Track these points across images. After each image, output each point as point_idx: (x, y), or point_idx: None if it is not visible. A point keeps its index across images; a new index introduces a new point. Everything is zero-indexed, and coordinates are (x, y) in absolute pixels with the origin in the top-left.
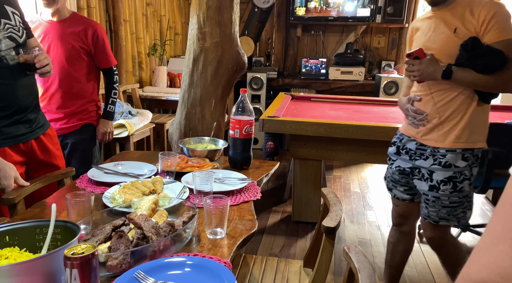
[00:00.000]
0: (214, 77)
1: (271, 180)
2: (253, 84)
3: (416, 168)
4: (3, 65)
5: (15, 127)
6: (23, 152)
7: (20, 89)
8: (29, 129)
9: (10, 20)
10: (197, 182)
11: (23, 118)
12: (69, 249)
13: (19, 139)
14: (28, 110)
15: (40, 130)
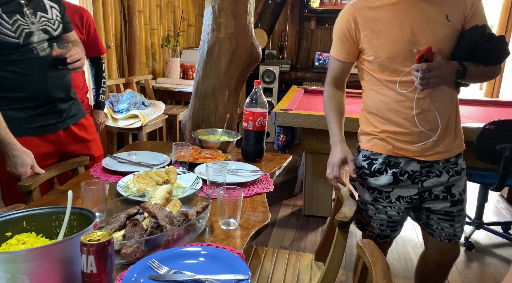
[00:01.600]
0: (228, 68)
1: (282, 174)
2: (265, 77)
3: (426, 190)
4: (33, 57)
5: (43, 117)
6: (51, 142)
7: (49, 82)
8: (58, 120)
9: (47, 14)
10: (211, 172)
11: (52, 109)
12: (85, 236)
13: (46, 129)
14: (58, 102)
15: (71, 120)
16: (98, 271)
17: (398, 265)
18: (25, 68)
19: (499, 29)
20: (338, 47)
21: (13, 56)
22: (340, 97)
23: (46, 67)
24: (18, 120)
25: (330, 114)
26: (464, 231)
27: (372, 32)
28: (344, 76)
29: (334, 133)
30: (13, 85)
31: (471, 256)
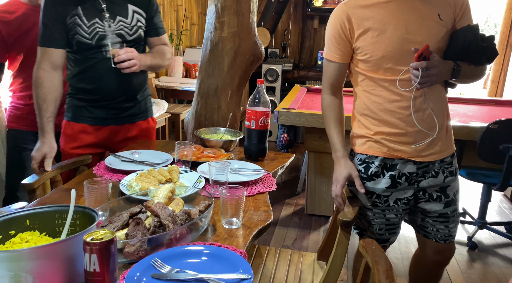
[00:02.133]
0: (231, 67)
1: (285, 173)
2: (268, 76)
3: (420, 190)
4: (101, 57)
5: (101, 110)
6: (102, 133)
7: (110, 81)
8: (113, 115)
9: (126, 18)
10: (213, 171)
11: (110, 105)
12: (88, 234)
13: (99, 121)
14: (117, 100)
15: (129, 119)
16: (101, 270)
17: (401, 264)
18: (94, 66)
19: (503, 28)
20: (333, 47)
21: (86, 54)
22: (339, 105)
23: (111, 67)
24: (80, 108)
25: (330, 126)
26: (467, 231)
27: (367, 30)
28: (341, 81)
29: (336, 148)
30: (84, 78)
31: (474, 256)
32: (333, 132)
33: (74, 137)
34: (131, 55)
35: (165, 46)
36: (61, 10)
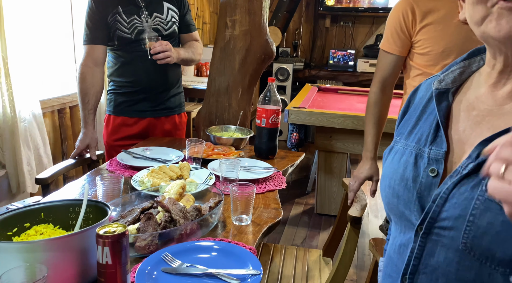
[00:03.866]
0: (242, 65)
1: (295, 172)
2: (279, 75)
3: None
4: (140, 50)
5: (140, 103)
6: (141, 125)
7: (147, 73)
8: (150, 108)
9: (162, 14)
10: (223, 169)
11: (147, 97)
12: (101, 227)
13: (138, 114)
14: (153, 92)
15: (165, 113)
16: (113, 263)
17: None
18: (133, 58)
19: None
20: (392, 39)
21: (126, 48)
22: (386, 103)
23: (147, 60)
24: (121, 102)
25: (370, 125)
26: None
27: (429, 23)
28: (394, 75)
29: (368, 148)
30: (124, 72)
31: None
32: (370, 131)
33: (116, 130)
34: (166, 47)
35: (196, 42)
36: (103, 9)
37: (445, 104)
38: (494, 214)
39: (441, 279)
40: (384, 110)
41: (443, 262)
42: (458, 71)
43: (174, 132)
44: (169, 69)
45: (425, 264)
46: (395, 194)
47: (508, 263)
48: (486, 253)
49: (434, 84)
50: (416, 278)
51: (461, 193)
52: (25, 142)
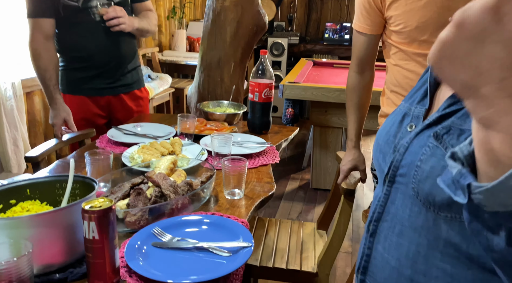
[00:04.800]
0: (233, 38)
1: (290, 148)
2: (273, 50)
3: None
4: (90, 20)
5: (95, 81)
6: (100, 105)
7: (98, 45)
8: (108, 85)
9: None
10: (216, 144)
11: (102, 73)
12: (86, 203)
13: (97, 92)
14: (108, 67)
15: (124, 89)
16: (100, 237)
17: None
18: (84, 30)
19: None
20: (362, 18)
21: (75, 18)
22: (366, 86)
23: (102, 31)
24: (75, 81)
25: (350, 111)
26: None
27: None
28: (371, 55)
29: (349, 137)
30: (75, 46)
31: None
32: (351, 118)
33: (75, 110)
34: (120, 13)
35: (150, 12)
36: None
37: None
38: (438, 159)
39: (397, 226)
40: (364, 94)
41: (400, 209)
42: None
43: (136, 109)
44: (122, 41)
45: (387, 212)
46: (379, 149)
47: (447, 207)
48: (429, 198)
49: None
50: (380, 225)
51: (419, 142)
52: (12, 122)
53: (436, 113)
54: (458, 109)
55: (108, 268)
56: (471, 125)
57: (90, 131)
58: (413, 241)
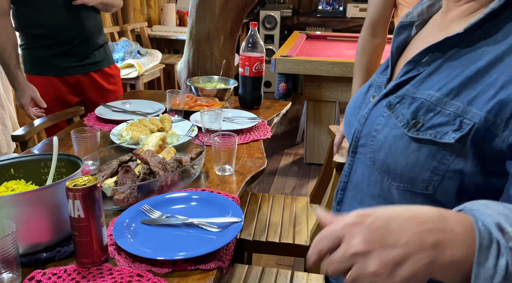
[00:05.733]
0: (222, 10)
1: (284, 123)
2: (266, 23)
3: None
4: None
5: (63, 59)
6: (70, 84)
7: (62, 20)
8: (76, 64)
9: None
10: (206, 120)
11: (70, 51)
12: (71, 181)
13: (65, 72)
14: (74, 43)
15: (93, 67)
16: (86, 216)
17: None
18: (42, 5)
19: None
20: None
21: None
22: (377, 49)
23: (62, 5)
24: (40, 60)
25: (357, 73)
26: None
27: None
28: (385, 17)
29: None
30: (35, 22)
31: None
32: (356, 80)
33: (44, 91)
34: None
35: None
36: None
37: (403, 37)
38: (390, 128)
39: (359, 194)
40: (374, 56)
41: (360, 178)
42: (427, 4)
43: (109, 87)
44: (86, 15)
45: (351, 181)
46: (347, 121)
47: (399, 177)
48: (383, 167)
49: (401, 17)
50: (345, 194)
51: (376, 111)
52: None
53: (394, 81)
54: (414, 76)
55: (96, 246)
56: (423, 93)
57: (78, 109)
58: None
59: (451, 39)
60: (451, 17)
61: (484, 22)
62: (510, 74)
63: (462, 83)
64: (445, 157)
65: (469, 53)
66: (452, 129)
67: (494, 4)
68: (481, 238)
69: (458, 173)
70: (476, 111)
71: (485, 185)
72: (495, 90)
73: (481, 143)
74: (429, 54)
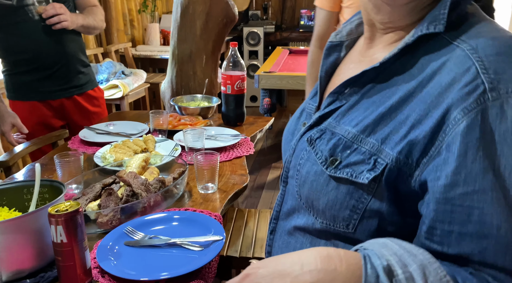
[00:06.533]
0: (203, 31)
1: (270, 137)
2: (250, 39)
3: None
4: (25, 19)
5: (45, 83)
6: (54, 108)
7: (45, 45)
8: (59, 87)
9: None
10: (188, 139)
11: (52, 75)
12: (53, 207)
13: (48, 96)
14: (56, 67)
15: (76, 90)
16: (69, 241)
17: None
18: (23, 30)
19: None
20: None
21: (11, 19)
22: None
23: (42, 30)
24: (23, 85)
25: (309, 84)
26: None
27: None
28: (330, 32)
29: None
30: (16, 48)
31: None
32: (308, 91)
33: (27, 117)
34: (60, 10)
35: (95, 8)
36: None
37: (333, 59)
38: (311, 164)
39: (287, 225)
40: None
41: (290, 209)
42: (356, 22)
43: (93, 109)
44: (67, 39)
45: (282, 211)
46: (283, 147)
47: (322, 214)
48: (308, 202)
49: (331, 37)
50: (278, 223)
51: (301, 144)
52: None
53: (318, 112)
54: (337, 108)
55: (79, 270)
56: (342, 128)
57: (63, 132)
58: (299, 241)
59: (368, 72)
60: (376, 44)
61: (399, 56)
62: (419, 112)
63: (377, 120)
64: (362, 196)
65: (385, 87)
66: (367, 169)
67: (408, 39)
68: (366, 281)
69: (376, 212)
70: (388, 151)
71: (403, 225)
72: (406, 130)
73: (395, 183)
74: (349, 87)
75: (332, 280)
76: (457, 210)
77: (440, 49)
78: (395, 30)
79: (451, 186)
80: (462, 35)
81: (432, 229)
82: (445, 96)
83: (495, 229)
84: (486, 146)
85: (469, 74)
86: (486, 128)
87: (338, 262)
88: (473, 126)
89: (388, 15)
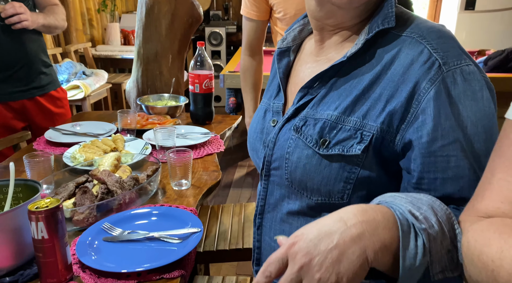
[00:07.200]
0: (169, 31)
1: (236, 136)
2: (212, 39)
3: None
4: None
5: (3, 84)
6: (15, 109)
7: (3, 45)
8: (20, 88)
9: None
10: (159, 137)
11: (12, 76)
12: (32, 204)
13: (8, 97)
14: (16, 67)
15: (38, 91)
16: (50, 236)
17: None
18: None
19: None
20: (248, 4)
21: None
22: (257, 68)
23: (2, 30)
24: None
25: (246, 91)
26: None
27: None
28: (260, 40)
29: (249, 114)
30: None
31: None
32: (247, 98)
33: None
34: (19, 9)
35: (55, 6)
36: None
37: (285, 62)
38: (301, 149)
39: (278, 214)
40: (257, 74)
41: (279, 199)
42: (298, 29)
43: (57, 110)
44: (27, 39)
45: (268, 203)
46: (251, 147)
47: (317, 192)
48: (301, 185)
49: (278, 43)
50: (264, 217)
51: (283, 135)
52: None
53: (292, 107)
54: (310, 100)
55: (60, 265)
56: (323, 114)
57: (25, 134)
58: (294, 225)
59: (336, 66)
60: (327, 45)
61: (362, 51)
62: (390, 89)
63: (354, 101)
64: (353, 167)
65: (350, 78)
66: (356, 142)
67: (368, 35)
68: (401, 224)
69: (366, 178)
70: (372, 124)
71: (388, 187)
72: (383, 104)
73: (380, 149)
74: (318, 80)
75: (375, 228)
76: (439, 160)
77: (392, 41)
78: (343, 30)
79: (432, 141)
80: (406, 28)
81: (421, 179)
82: (409, 74)
83: (467, 170)
84: (451, 106)
85: (424, 55)
86: (448, 93)
87: (374, 213)
88: (439, 92)
89: (341, 18)
